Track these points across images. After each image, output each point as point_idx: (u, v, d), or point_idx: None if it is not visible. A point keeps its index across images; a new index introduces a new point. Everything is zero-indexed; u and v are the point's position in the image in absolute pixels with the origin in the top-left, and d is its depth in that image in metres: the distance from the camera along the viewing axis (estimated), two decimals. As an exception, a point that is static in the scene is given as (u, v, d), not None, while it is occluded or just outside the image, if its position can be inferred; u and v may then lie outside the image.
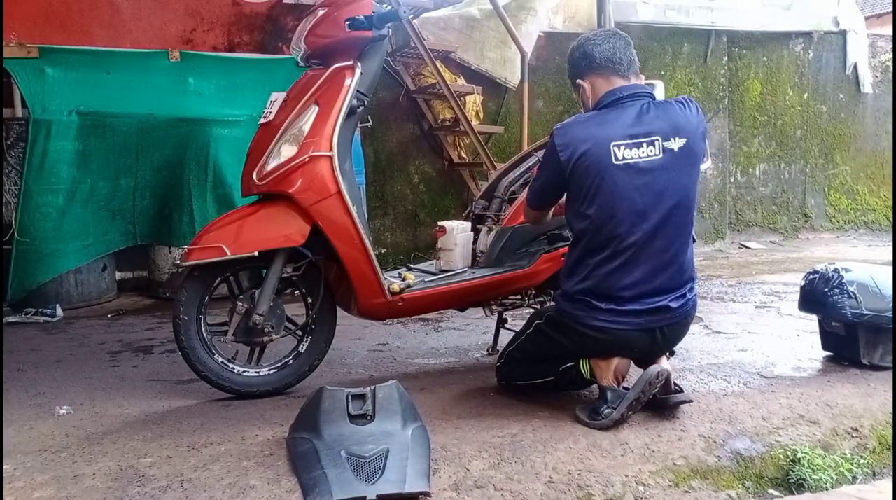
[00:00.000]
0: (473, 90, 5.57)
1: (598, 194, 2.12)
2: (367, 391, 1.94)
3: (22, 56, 4.31)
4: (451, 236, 2.77)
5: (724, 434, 2.15)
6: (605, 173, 2.10)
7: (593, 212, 2.13)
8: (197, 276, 2.39)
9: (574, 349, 2.25)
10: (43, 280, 4.22)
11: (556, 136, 2.18)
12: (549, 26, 6.16)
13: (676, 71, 6.72)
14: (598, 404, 2.17)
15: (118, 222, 4.48)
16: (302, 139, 2.35)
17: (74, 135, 4.29)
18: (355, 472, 1.74)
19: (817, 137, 7.36)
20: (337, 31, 2.39)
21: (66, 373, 2.92)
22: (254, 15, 5.36)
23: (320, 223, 2.36)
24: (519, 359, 2.42)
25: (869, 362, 2.67)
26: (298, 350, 2.55)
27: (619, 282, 2.13)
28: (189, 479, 1.81)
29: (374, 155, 5.59)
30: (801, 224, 7.32)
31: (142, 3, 5.06)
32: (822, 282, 2.70)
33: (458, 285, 2.63)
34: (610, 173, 2.10)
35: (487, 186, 3.07)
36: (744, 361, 2.85)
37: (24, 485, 1.80)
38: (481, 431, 2.10)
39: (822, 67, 7.32)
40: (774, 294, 4.31)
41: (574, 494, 1.83)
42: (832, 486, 2.04)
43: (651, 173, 2.12)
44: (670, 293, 2.17)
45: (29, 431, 2.20)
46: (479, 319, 3.61)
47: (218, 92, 4.77)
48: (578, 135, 2.15)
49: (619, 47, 2.22)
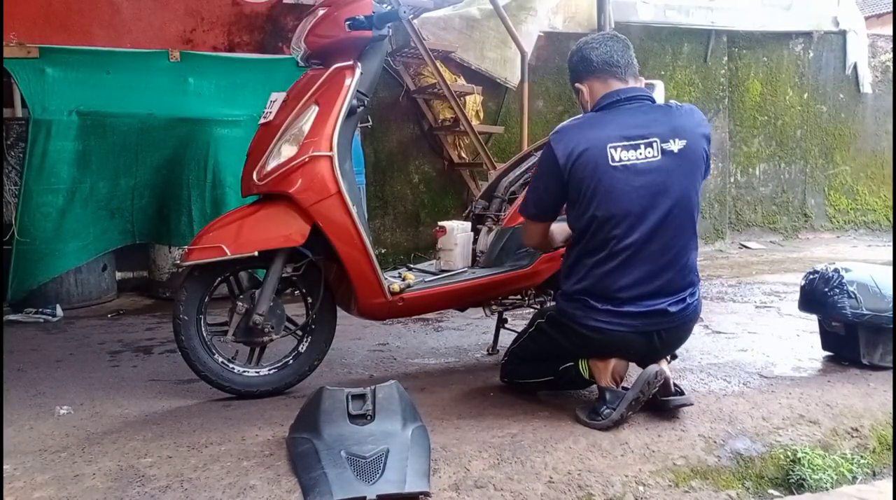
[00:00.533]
0: (473, 90, 5.57)
1: (596, 195, 2.11)
2: (367, 391, 1.94)
3: (22, 56, 4.31)
4: (451, 236, 2.77)
5: (724, 434, 2.15)
6: (602, 175, 2.10)
7: (591, 213, 2.13)
8: (197, 276, 2.39)
9: (572, 349, 2.26)
10: (43, 280, 4.22)
11: (553, 141, 2.17)
12: (549, 26, 6.16)
13: (676, 71, 6.72)
14: (598, 405, 2.17)
15: (116, 221, 4.48)
16: (302, 139, 2.35)
17: (74, 135, 4.29)
18: (355, 472, 1.74)
19: (817, 137, 7.36)
20: (337, 31, 2.39)
21: (66, 373, 2.92)
22: (254, 15, 5.36)
23: (320, 223, 2.36)
24: (521, 357, 2.42)
25: (869, 362, 2.67)
26: (298, 350, 2.55)
27: (615, 283, 2.13)
28: (189, 479, 1.81)
29: (374, 155, 5.59)
30: (801, 224, 7.32)
31: (142, 3, 5.06)
32: (822, 282, 2.70)
33: (458, 285, 2.63)
34: (608, 175, 2.10)
35: (487, 186, 3.07)
36: (744, 361, 2.85)
37: (24, 485, 1.80)
38: (481, 431, 2.10)
39: (822, 67, 7.32)
40: (774, 294, 4.31)
41: (574, 494, 1.83)
42: (832, 486, 2.04)
43: (649, 174, 2.11)
44: (669, 297, 2.16)
45: (29, 431, 2.20)
46: (479, 319, 3.61)
47: (218, 92, 4.77)
48: (575, 138, 2.14)
49: (616, 50, 2.22)
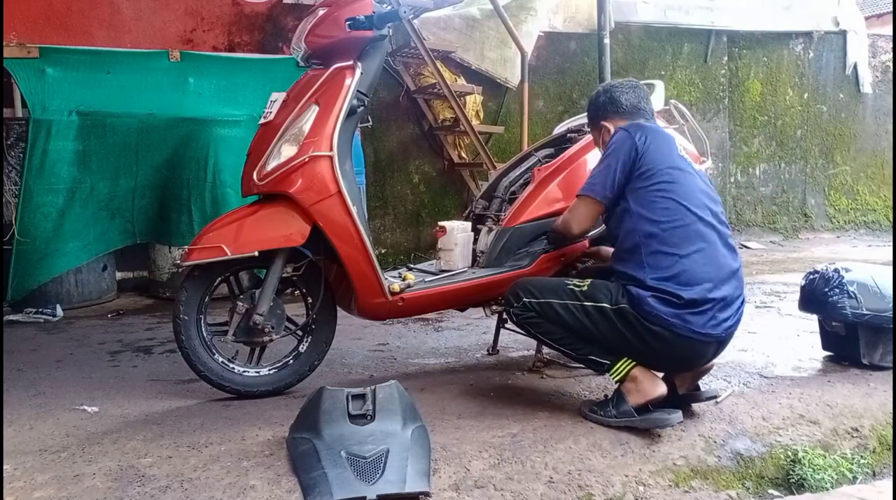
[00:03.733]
0: (473, 90, 5.57)
1: (675, 183, 2.15)
2: (367, 391, 1.93)
3: (22, 56, 4.31)
4: (452, 236, 2.77)
5: (724, 434, 2.15)
6: (675, 161, 2.19)
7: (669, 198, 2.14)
8: (197, 276, 2.39)
9: (635, 347, 2.11)
10: (43, 280, 4.22)
11: (626, 128, 2.25)
12: (549, 26, 6.17)
13: (676, 71, 6.72)
14: (604, 404, 2.17)
15: (117, 221, 4.49)
16: (302, 139, 2.35)
17: (74, 135, 4.29)
18: (355, 472, 1.74)
19: (817, 137, 7.36)
20: (337, 31, 2.39)
21: (66, 373, 2.92)
22: (254, 15, 5.36)
23: (320, 223, 2.36)
24: (556, 320, 2.18)
25: (869, 362, 2.67)
26: (298, 350, 2.55)
27: (703, 269, 2.08)
28: (189, 479, 1.81)
29: (374, 155, 5.59)
30: (802, 224, 7.32)
31: (142, 3, 5.06)
32: (822, 282, 2.70)
33: (458, 285, 2.63)
34: (678, 165, 2.19)
35: (487, 186, 3.07)
36: (744, 361, 2.85)
37: (24, 485, 1.80)
38: (481, 431, 2.10)
39: (822, 67, 7.33)
40: (774, 294, 4.30)
41: (574, 494, 1.83)
42: (832, 486, 2.04)
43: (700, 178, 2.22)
44: (738, 302, 2.15)
45: (29, 431, 2.20)
46: (479, 319, 3.61)
47: (218, 92, 4.77)
48: (644, 126, 2.26)
49: (642, 97, 2.37)
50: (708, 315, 2.05)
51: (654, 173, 2.15)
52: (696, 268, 2.07)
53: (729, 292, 2.09)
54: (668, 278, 2.06)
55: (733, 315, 2.11)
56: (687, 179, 2.17)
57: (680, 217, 2.11)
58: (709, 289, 2.05)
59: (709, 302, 2.05)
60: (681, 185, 2.15)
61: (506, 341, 3.11)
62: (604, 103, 2.38)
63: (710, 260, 2.09)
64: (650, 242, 2.10)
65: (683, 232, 2.09)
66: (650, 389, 2.11)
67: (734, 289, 2.11)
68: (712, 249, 2.11)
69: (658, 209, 2.12)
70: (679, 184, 2.15)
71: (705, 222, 2.13)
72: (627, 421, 2.10)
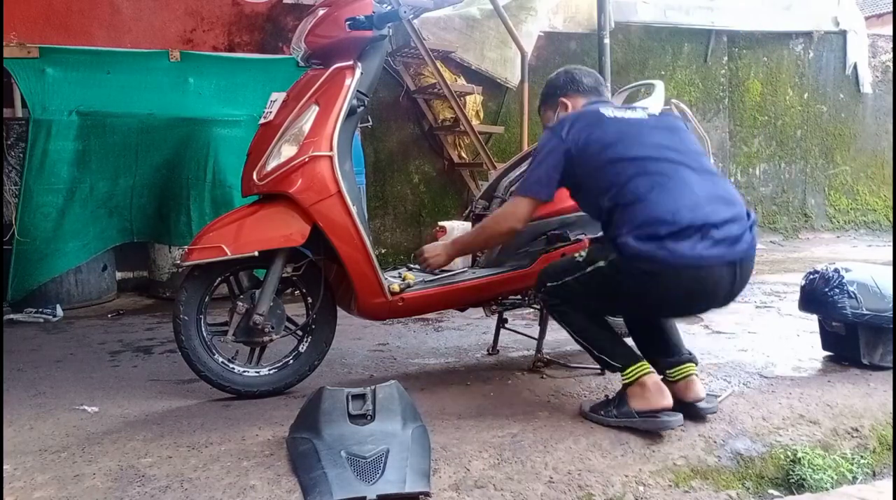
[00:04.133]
0: (473, 90, 5.57)
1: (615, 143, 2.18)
2: (367, 391, 1.93)
3: (22, 56, 4.31)
4: (451, 236, 2.77)
5: (724, 434, 2.15)
6: (605, 123, 2.23)
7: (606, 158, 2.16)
8: (197, 276, 2.39)
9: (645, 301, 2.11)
10: (43, 280, 4.22)
11: (551, 127, 2.32)
12: (549, 26, 6.17)
13: (676, 71, 6.72)
14: (605, 404, 2.17)
15: (115, 219, 4.49)
16: (302, 139, 2.35)
17: (74, 135, 4.29)
18: (355, 472, 1.74)
19: (817, 137, 7.37)
20: (337, 31, 2.39)
21: (66, 373, 2.92)
22: (254, 15, 5.36)
23: (320, 223, 2.36)
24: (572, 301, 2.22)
25: (869, 362, 2.67)
26: (298, 350, 2.54)
27: (676, 201, 2.06)
28: (189, 479, 1.81)
29: (374, 155, 5.59)
30: (802, 224, 7.32)
31: (142, 3, 5.06)
32: (822, 282, 2.70)
33: (458, 285, 2.63)
34: (612, 122, 2.23)
35: (487, 186, 3.07)
36: (744, 361, 2.85)
37: (24, 485, 1.80)
38: (481, 431, 2.10)
39: (822, 67, 7.33)
40: (774, 294, 4.30)
41: (574, 494, 1.83)
42: (832, 486, 2.04)
43: (641, 126, 2.25)
44: (734, 223, 2.08)
45: (29, 431, 2.20)
46: (479, 319, 3.61)
47: (218, 92, 4.77)
48: (568, 119, 2.29)
49: (600, 83, 2.48)
50: (694, 238, 2.01)
51: (590, 151, 2.19)
52: (662, 200, 2.06)
53: (713, 212, 2.05)
54: (639, 224, 2.05)
55: (735, 235, 2.06)
56: (628, 130, 2.21)
57: (631, 170, 2.13)
58: (683, 214, 2.03)
59: (689, 227, 2.02)
60: (621, 141, 2.18)
61: (506, 341, 3.11)
62: (565, 82, 2.46)
63: (675, 189, 2.08)
64: (614, 206, 2.13)
65: (638, 180, 2.11)
66: (656, 399, 2.09)
67: (724, 210, 2.07)
68: (675, 180, 2.10)
69: (609, 176, 2.15)
70: (620, 142, 2.18)
71: (658, 160, 2.13)
72: (628, 422, 2.10)
